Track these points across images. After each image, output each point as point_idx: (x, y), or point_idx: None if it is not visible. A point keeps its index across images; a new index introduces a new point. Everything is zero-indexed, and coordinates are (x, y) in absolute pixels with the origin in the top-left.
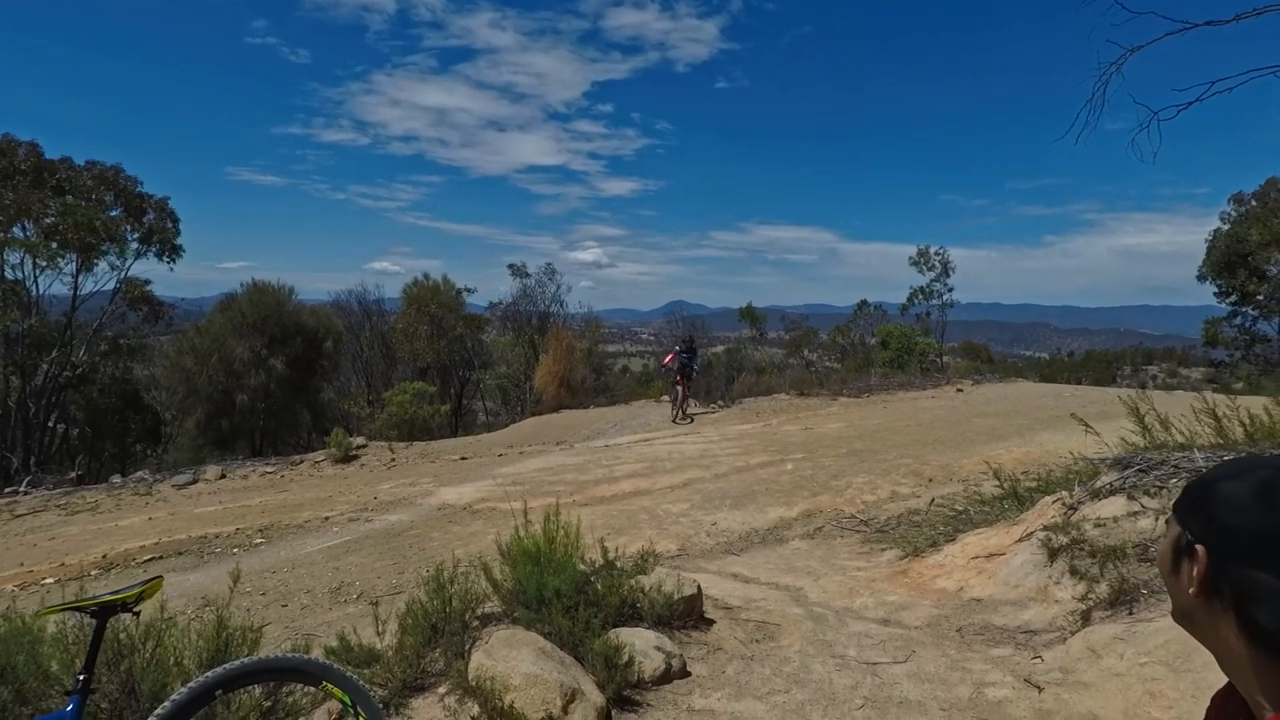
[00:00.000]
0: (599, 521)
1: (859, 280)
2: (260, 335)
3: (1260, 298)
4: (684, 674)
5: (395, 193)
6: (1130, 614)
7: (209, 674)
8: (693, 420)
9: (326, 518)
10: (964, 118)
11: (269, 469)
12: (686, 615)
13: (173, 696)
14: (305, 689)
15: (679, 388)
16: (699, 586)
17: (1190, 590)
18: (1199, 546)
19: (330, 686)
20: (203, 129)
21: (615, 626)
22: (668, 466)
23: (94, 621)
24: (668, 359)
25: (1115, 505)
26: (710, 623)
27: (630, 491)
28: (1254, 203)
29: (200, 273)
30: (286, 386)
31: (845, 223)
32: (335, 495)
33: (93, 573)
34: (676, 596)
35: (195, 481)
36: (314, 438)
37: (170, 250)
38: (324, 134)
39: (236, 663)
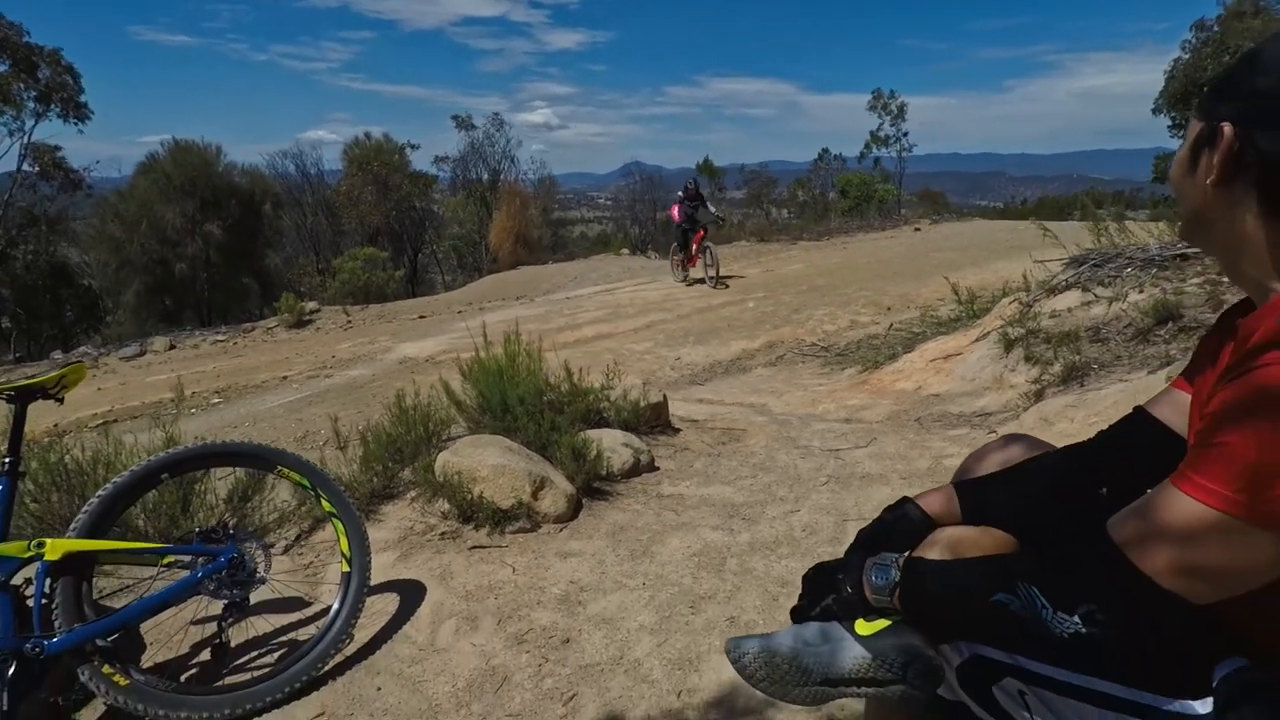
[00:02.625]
0: (563, 364)
1: (819, 134)
2: (190, 199)
3: None
4: (652, 468)
5: (324, 52)
6: (1081, 386)
7: (154, 457)
8: (727, 285)
9: (285, 377)
10: None
11: (220, 338)
12: (653, 422)
13: (114, 479)
14: (258, 475)
15: (694, 246)
16: (665, 396)
17: (1209, 180)
18: (1225, 125)
19: (286, 470)
20: None
21: (583, 431)
22: (630, 311)
23: (13, 406)
24: (676, 210)
25: (1070, 298)
26: (677, 431)
27: (593, 336)
28: (1216, 29)
29: (119, 148)
30: (228, 255)
31: (805, 73)
32: (292, 357)
33: (45, 440)
34: (643, 404)
35: (143, 353)
36: (265, 308)
37: (75, 110)
38: None
39: (182, 447)
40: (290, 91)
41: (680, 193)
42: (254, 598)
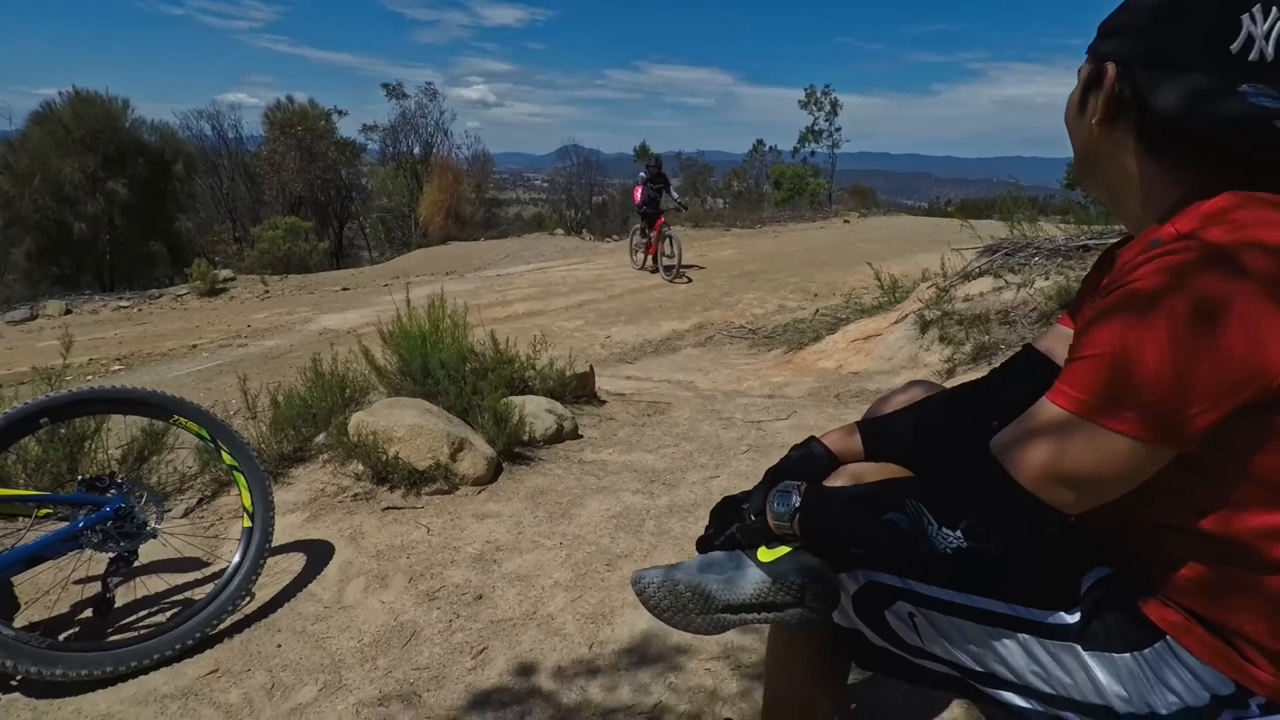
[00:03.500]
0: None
1: (755, 126)
2: (92, 154)
3: None
4: (576, 435)
5: (246, 10)
6: (990, 364)
7: (33, 400)
8: (689, 279)
9: (194, 345)
10: None
11: (123, 304)
12: (579, 392)
13: None
14: (154, 424)
15: (652, 233)
16: (591, 367)
17: (1094, 120)
18: (1109, 65)
19: (183, 420)
20: None
21: (506, 397)
22: (562, 290)
23: None
24: (639, 192)
25: (983, 284)
26: (603, 402)
27: (524, 313)
28: None
29: (10, 98)
30: (133, 216)
31: (743, 63)
32: (203, 325)
33: None
34: (569, 373)
35: (34, 317)
36: (175, 276)
37: None
38: None
39: (67, 391)
40: (208, 50)
41: (642, 173)
42: (149, 556)
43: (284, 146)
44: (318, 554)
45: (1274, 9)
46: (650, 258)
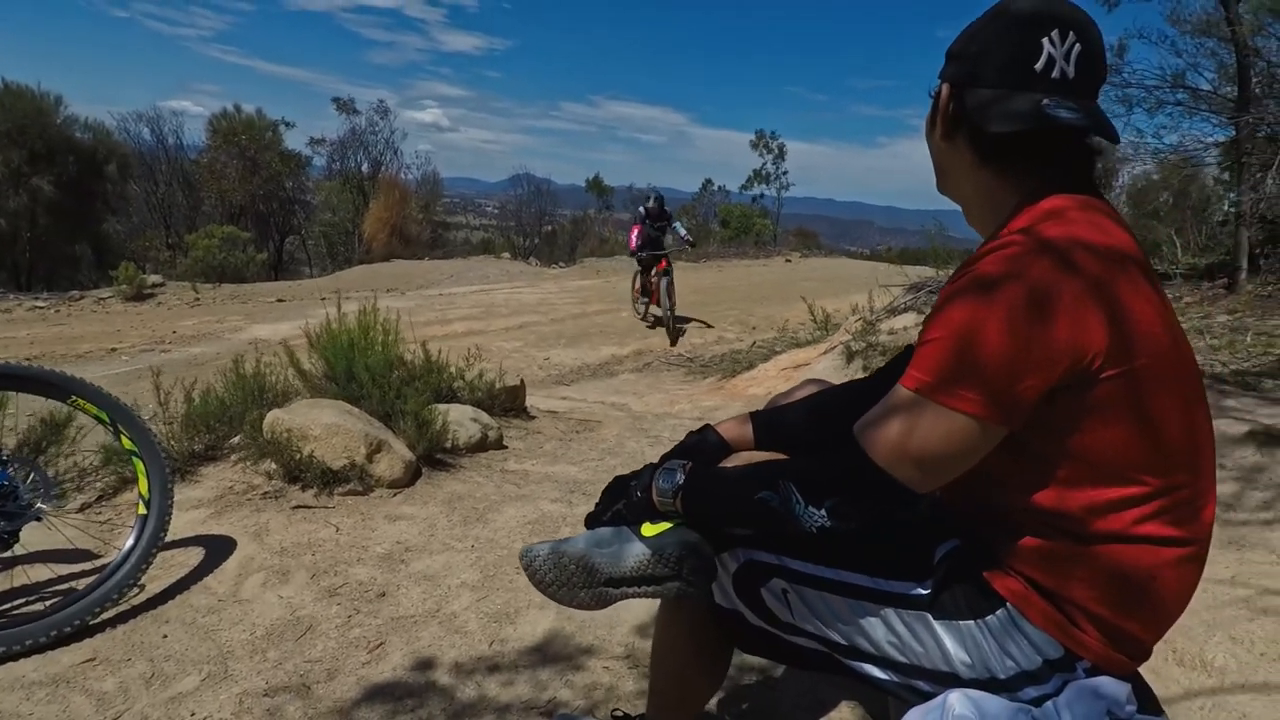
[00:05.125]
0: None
1: (706, 165)
2: (17, 149)
3: None
4: (500, 446)
5: (194, 18)
6: None
7: None
8: (683, 330)
9: (113, 349)
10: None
11: (40, 304)
12: (508, 405)
13: None
14: (51, 406)
15: (654, 277)
16: (522, 381)
17: (938, 135)
18: (944, 85)
19: (81, 401)
20: None
21: (432, 404)
22: (504, 312)
23: None
24: (634, 235)
25: (906, 319)
26: (533, 417)
27: (464, 332)
28: None
29: None
30: (59, 214)
31: (696, 105)
32: (125, 329)
33: None
34: (498, 385)
35: None
36: (101, 279)
37: None
38: None
39: None
40: (153, 56)
41: (641, 209)
42: (37, 544)
43: (226, 155)
44: (218, 549)
45: (1070, 33)
46: (654, 305)
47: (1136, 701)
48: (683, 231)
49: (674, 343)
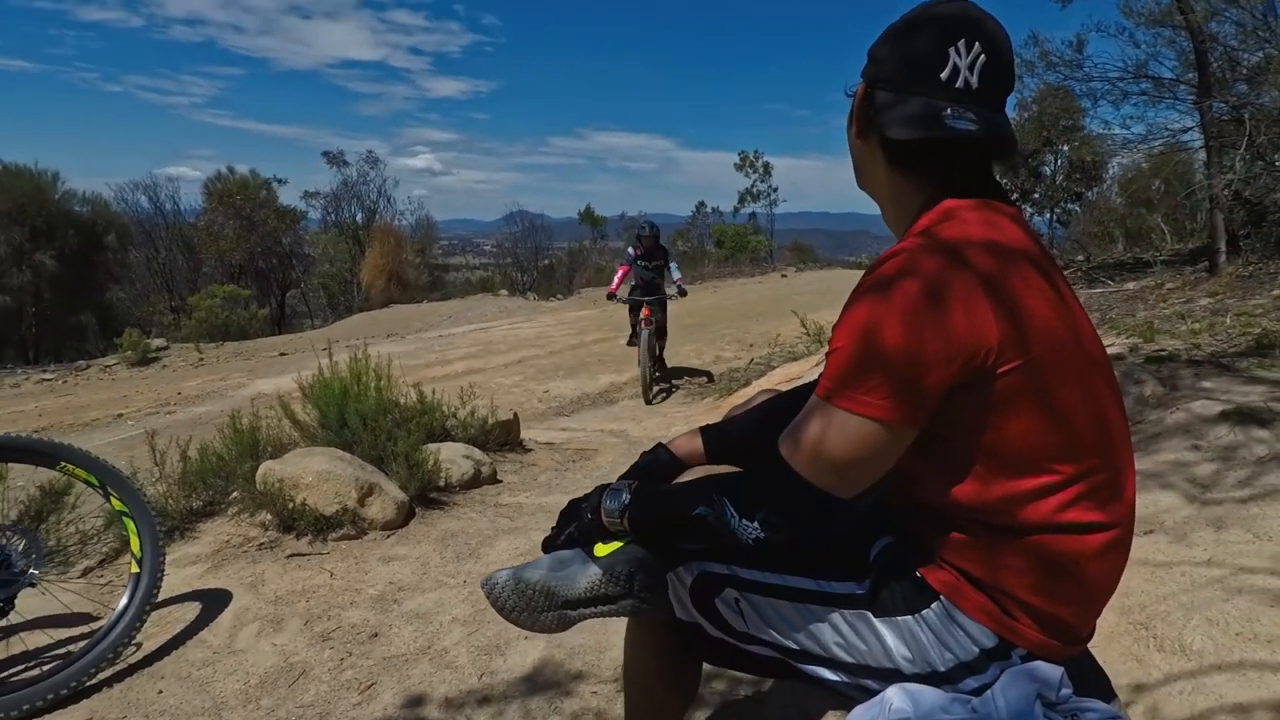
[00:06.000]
0: (414, 386)
1: (697, 188)
2: (19, 227)
3: (1036, 196)
4: (494, 480)
5: (185, 86)
6: None
7: None
8: (668, 393)
9: (120, 414)
10: (793, 16)
11: (47, 376)
12: (502, 440)
13: None
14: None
15: (644, 327)
16: (515, 414)
17: (854, 133)
18: (861, 84)
19: (70, 467)
20: None
21: (423, 444)
22: (502, 348)
23: None
24: (618, 277)
25: None
26: (529, 450)
27: (464, 371)
28: (1035, 107)
29: None
30: (61, 288)
31: (681, 129)
32: (131, 395)
33: None
34: (491, 422)
35: None
36: (106, 347)
37: None
38: (82, 11)
39: None
40: (147, 124)
41: (630, 250)
42: (34, 610)
43: (223, 216)
44: (214, 602)
45: (976, 43)
46: (650, 367)
47: (1073, 685)
48: (677, 275)
49: (649, 400)
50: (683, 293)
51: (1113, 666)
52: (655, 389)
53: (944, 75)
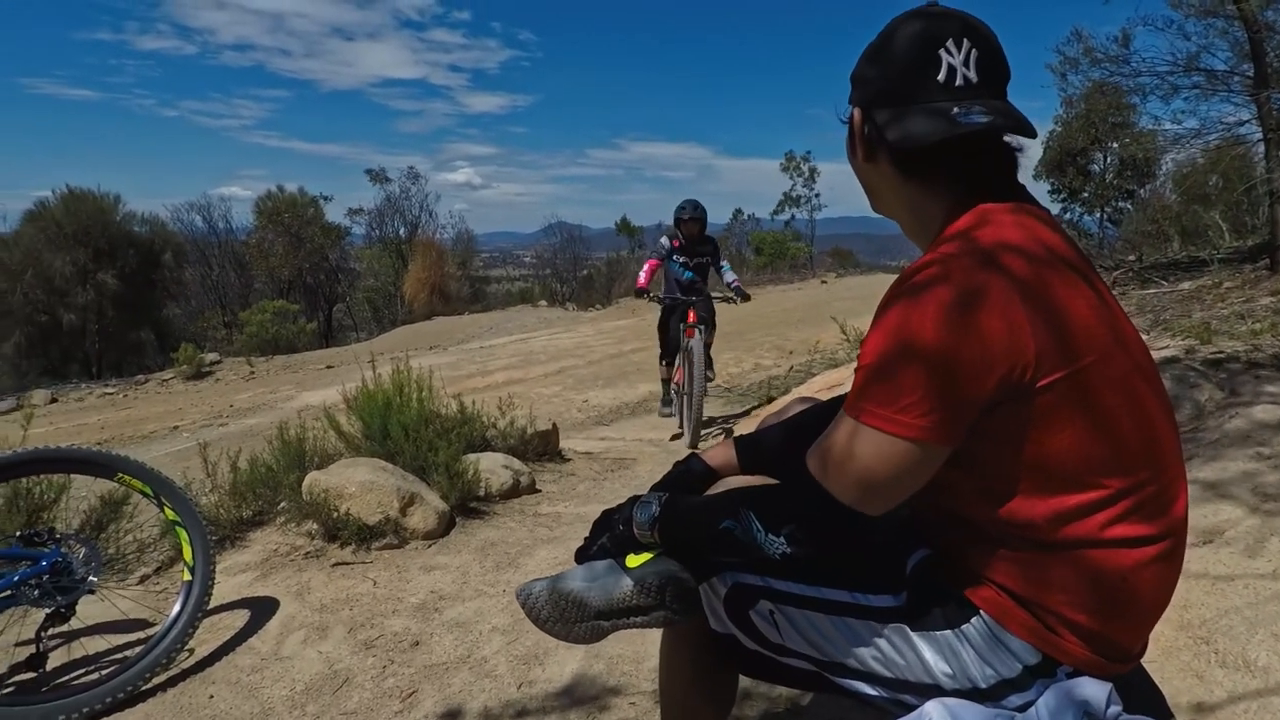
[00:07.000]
0: (456, 397)
1: (735, 195)
2: (83, 248)
3: (1085, 194)
4: (533, 490)
5: (236, 109)
6: None
7: None
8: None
9: (175, 427)
10: (831, 20)
11: (109, 390)
12: (541, 449)
13: None
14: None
15: (688, 337)
16: (554, 424)
17: (860, 158)
18: (855, 110)
19: (126, 478)
20: None
21: (463, 454)
22: (542, 358)
23: None
24: (645, 272)
25: None
26: (567, 459)
27: (504, 382)
28: (1081, 105)
29: (8, 200)
30: (122, 305)
31: (719, 137)
32: (186, 407)
33: None
34: (530, 432)
35: (19, 407)
36: (164, 361)
37: None
38: (140, 41)
39: (9, 451)
40: (202, 146)
41: (664, 239)
42: (93, 617)
43: (273, 234)
44: (262, 610)
45: (965, 39)
46: (679, 385)
47: (1123, 702)
48: (731, 276)
49: (695, 444)
50: (743, 296)
51: (1172, 683)
52: (701, 419)
53: (941, 77)
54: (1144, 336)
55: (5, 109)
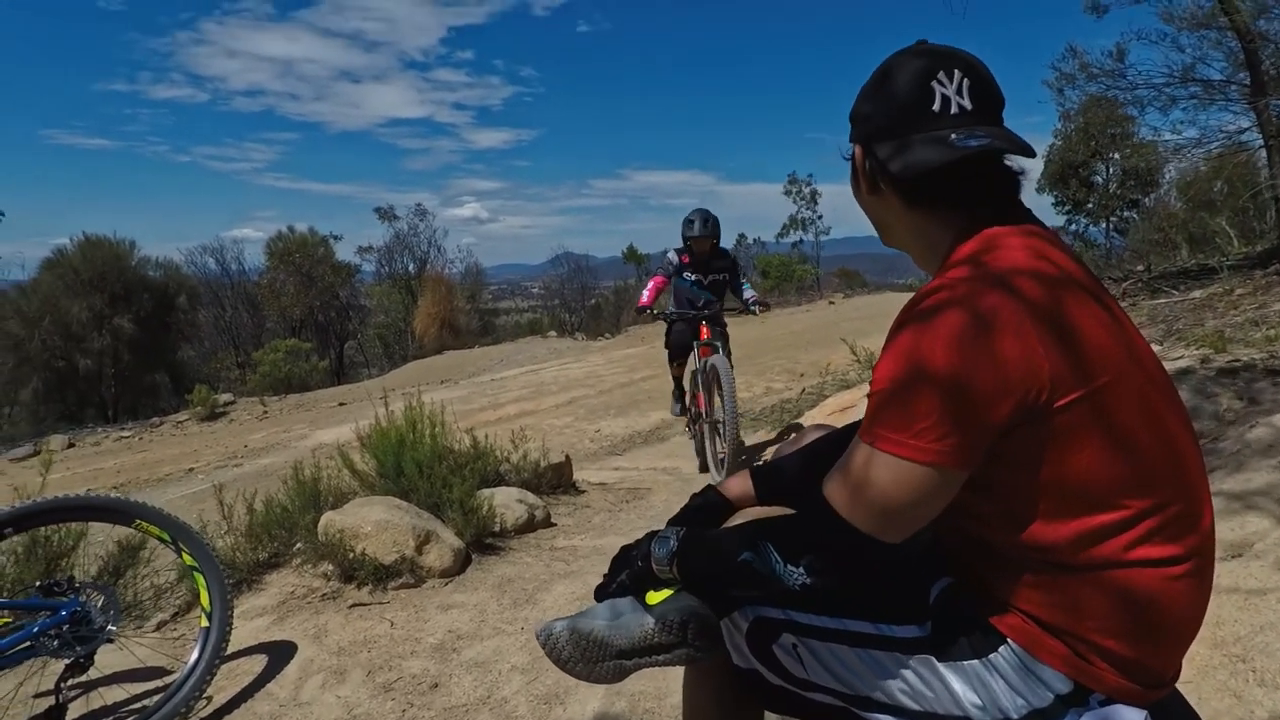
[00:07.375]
0: (469, 431)
1: (739, 220)
2: (99, 294)
3: (1089, 206)
4: (548, 524)
5: (247, 153)
6: None
7: None
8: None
9: (190, 469)
10: (827, 48)
11: (125, 433)
12: (555, 482)
13: None
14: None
15: (702, 356)
16: (568, 456)
17: (865, 193)
18: (856, 146)
19: (145, 525)
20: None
21: (477, 490)
22: (553, 389)
23: None
24: (650, 290)
25: None
26: (581, 491)
27: (515, 414)
28: (1080, 118)
29: (28, 248)
30: (138, 349)
31: (721, 164)
32: (201, 449)
33: None
34: (544, 464)
35: (38, 453)
36: (179, 403)
37: None
38: (154, 90)
39: (29, 501)
40: (214, 190)
41: (670, 253)
42: (111, 666)
43: (284, 274)
44: (280, 654)
45: (955, 70)
46: (699, 411)
47: None
48: (750, 293)
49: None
50: (763, 305)
51: (1210, 704)
52: (737, 446)
53: (936, 107)
54: (1157, 347)
55: (27, 160)
